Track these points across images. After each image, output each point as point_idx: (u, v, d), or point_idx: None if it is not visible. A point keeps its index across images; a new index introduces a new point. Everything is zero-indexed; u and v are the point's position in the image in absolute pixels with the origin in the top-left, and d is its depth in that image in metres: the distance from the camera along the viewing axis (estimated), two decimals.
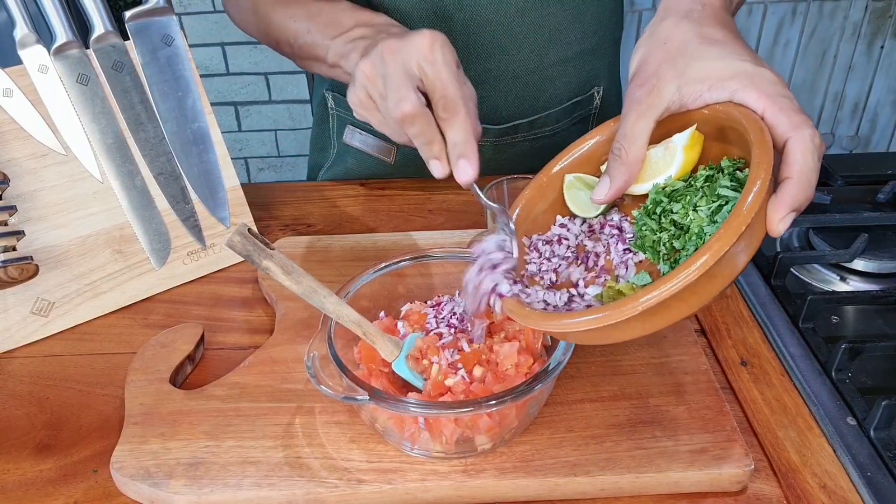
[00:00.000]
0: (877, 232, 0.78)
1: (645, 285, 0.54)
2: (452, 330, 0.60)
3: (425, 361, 0.58)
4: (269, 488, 0.53)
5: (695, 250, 0.52)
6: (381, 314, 0.63)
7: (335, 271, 0.76)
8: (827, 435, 0.58)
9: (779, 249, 0.78)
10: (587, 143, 0.62)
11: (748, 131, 0.51)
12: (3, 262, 0.66)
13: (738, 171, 0.54)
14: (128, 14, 0.73)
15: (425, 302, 0.64)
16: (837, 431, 0.57)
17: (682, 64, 0.55)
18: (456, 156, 0.59)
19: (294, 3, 0.82)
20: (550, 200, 0.63)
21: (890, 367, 0.65)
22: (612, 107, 1.03)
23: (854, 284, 0.75)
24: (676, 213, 0.54)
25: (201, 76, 0.77)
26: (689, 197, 0.54)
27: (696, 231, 0.53)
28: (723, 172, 0.55)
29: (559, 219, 0.62)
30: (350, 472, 0.54)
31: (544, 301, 0.56)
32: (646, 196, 0.58)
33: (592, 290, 0.56)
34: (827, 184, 0.90)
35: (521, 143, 0.97)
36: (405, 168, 0.99)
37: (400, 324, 0.62)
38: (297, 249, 0.79)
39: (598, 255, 0.59)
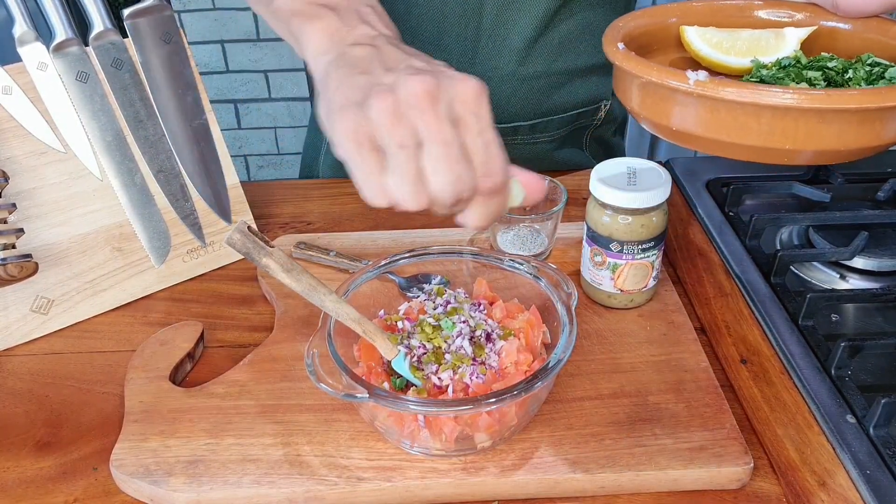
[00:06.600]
0: (877, 230, 0.77)
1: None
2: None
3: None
4: (268, 486, 0.53)
5: (867, 80, 0.51)
6: (381, 312, 0.63)
7: (335, 269, 0.76)
8: (826, 433, 0.58)
9: (778, 247, 0.78)
10: None
11: None
12: (3, 259, 0.66)
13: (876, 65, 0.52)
14: (127, 11, 0.73)
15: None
16: (837, 429, 0.57)
17: None
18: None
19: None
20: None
21: (890, 365, 0.65)
22: (612, 123, 1.02)
23: (854, 282, 0.75)
24: (832, 67, 0.52)
25: (201, 74, 0.77)
26: (833, 62, 0.53)
27: (863, 76, 0.51)
28: (861, 62, 0.53)
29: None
30: (350, 469, 0.54)
31: None
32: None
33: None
34: (826, 181, 0.90)
35: (520, 146, 0.96)
36: None
37: (400, 322, 0.62)
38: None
39: None
